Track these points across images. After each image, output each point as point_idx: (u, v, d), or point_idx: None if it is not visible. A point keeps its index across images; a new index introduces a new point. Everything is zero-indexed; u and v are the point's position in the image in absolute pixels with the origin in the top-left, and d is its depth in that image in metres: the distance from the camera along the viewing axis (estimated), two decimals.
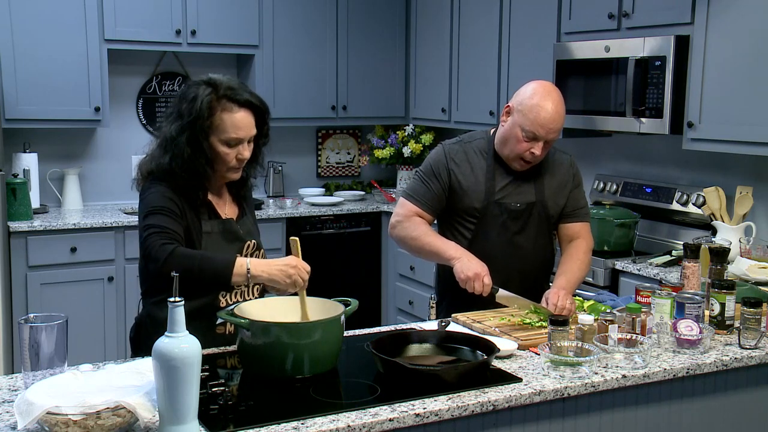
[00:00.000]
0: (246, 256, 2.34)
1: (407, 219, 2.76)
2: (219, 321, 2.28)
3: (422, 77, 5.26)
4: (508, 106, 2.71)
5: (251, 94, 2.29)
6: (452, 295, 2.77)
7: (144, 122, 4.98)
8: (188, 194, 2.25)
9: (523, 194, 2.74)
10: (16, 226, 4.14)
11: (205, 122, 2.21)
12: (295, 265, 2.13)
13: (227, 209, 2.38)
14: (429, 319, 2.83)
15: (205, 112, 2.21)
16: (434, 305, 2.90)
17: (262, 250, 2.41)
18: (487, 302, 2.59)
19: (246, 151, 2.28)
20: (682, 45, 3.42)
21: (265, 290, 2.39)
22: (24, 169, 4.45)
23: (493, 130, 2.84)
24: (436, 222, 2.83)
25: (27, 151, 4.50)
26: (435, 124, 5.18)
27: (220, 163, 2.26)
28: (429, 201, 2.76)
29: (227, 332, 2.30)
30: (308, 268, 2.15)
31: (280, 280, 2.13)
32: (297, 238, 2.21)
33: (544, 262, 2.83)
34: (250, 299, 2.34)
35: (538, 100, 2.63)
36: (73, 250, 4.27)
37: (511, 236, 2.74)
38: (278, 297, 2.24)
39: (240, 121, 2.24)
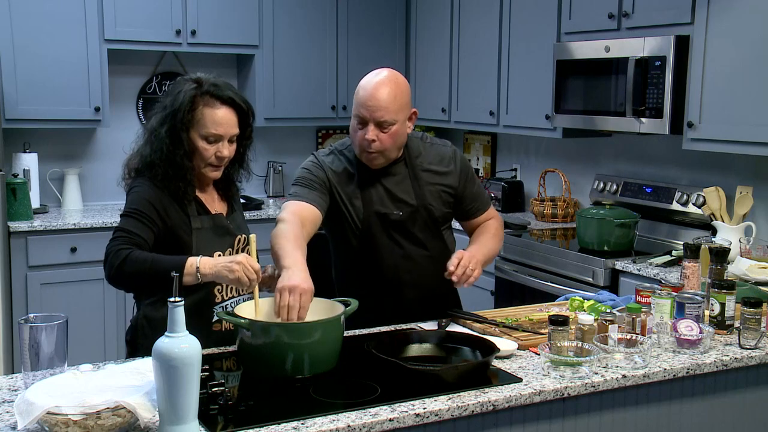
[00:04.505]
0: (237, 250, 2.37)
1: (282, 220, 2.37)
2: (215, 319, 2.29)
3: (422, 77, 5.26)
4: None
5: (235, 94, 2.31)
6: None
7: (144, 122, 4.96)
8: (174, 190, 2.26)
9: (403, 200, 2.57)
10: (16, 226, 4.14)
11: (186, 115, 2.24)
12: (240, 261, 2.09)
13: (216, 206, 2.39)
14: None
15: (187, 105, 2.24)
16: None
17: None
18: (376, 312, 2.51)
19: (226, 150, 2.29)
20: (682, 45, 3.42)
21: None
22: (24, 169, 4.45)
23: None
24: (329, 238, 2.70)
25: (27, 151, 4.50)
26: (435, 124, 5.18)
27: (198, 158, 2.28)
28: (314, 196, 2.49)
29: (223, 329, 2.31)
30: (257, 267, 2.11)
31: (224, 276, 2.11)
32: (254, 235, 2.20)
33: (439, 271, 2.47)
34: (245, 294, 2.35)
35: (362, 84, 2.48)
36: (73, 250, 4.27)
37: (398, 246, 2.57)
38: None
39: (221, 118, 2.26)
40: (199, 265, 2.10)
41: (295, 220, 2.38)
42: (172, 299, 1.60)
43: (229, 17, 4.82)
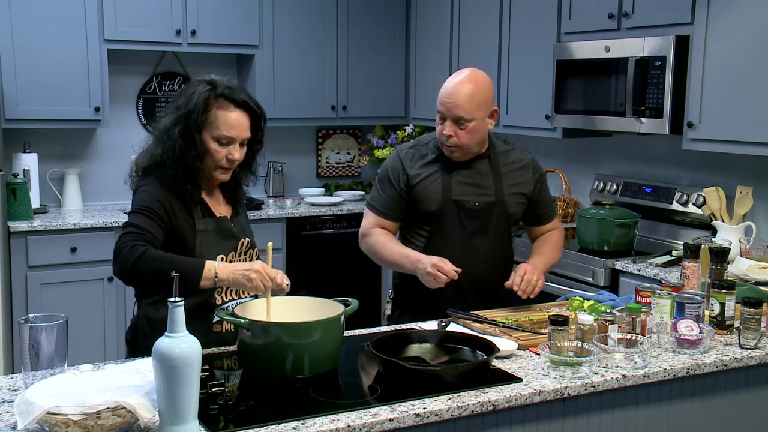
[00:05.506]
0: (240, 253, 2.36)
1: (369, 232, 2.76)
2: (216, 319, 2.29)
3: (422, 77, 5.26)
4: None
5: (249, 97, 2.31)
6: (408, 290, 2.75)
7: (144, 122, 4.98)
8: (181, 191, 2.26)
9: (482, 194, 2.69)
10: (16, 226, 4.14)
11: (200, 117, 2.23)
12: (257, 270, 2.12)
13: (221, 208, 2.39)
14: (385, 315, 2.80)
15: (201, 107, 2.23)
16: (390, 300, 2.88)
17: (255, 249, 2.42)
18: (434, 301, 2.59)
19: (237, 153, 2.29)
20: (682, 45, 3.42)
21: None
22: (24, 169, 4.45)
23: None
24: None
25: (27, 151, 4.50)
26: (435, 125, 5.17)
27: (209, 159, 2.28)
28: (387, 209, 2.73)
29: (224, 330, 2.31)
30: (272, 274, 2.14)
31: (241, 283, 2.12)
32: (270, 244, 2.23)
33: (501, 268, 2.74)
34: (246, 297, 2.35)
35: (445, 83, 2.64)
36: (73, 250, 4.27)
37: (468, 237, 2.68)
38: (278, 297, 2.24)
39: (234, 121, 2.26)
40: (218, 270, 2.11)
41: (377, 231, 2.74)
42: (172, 299, 1.60)
43: (229, 17, 4.82)
